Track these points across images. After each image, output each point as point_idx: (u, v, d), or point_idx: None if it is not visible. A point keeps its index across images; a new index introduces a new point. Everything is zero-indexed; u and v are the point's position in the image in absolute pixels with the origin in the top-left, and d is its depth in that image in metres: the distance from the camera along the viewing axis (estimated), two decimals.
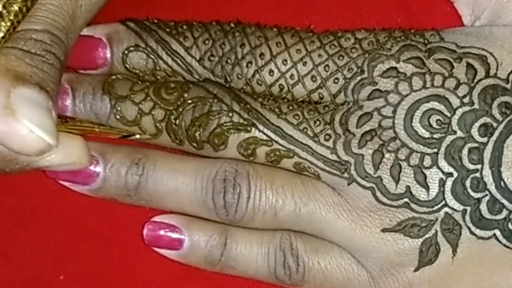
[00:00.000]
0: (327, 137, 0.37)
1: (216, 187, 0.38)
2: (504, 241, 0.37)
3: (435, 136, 0.37)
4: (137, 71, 0.38)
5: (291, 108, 0.38)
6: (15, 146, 0.32)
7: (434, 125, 0.37)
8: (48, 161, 0.34)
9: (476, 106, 0.37)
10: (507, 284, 0.37)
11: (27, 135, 0.31)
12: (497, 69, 0.37)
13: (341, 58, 0.38)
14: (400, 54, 0.38)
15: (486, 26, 0.38)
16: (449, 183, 0.37)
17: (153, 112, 0.38)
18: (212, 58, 0.38)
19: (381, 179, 0.37)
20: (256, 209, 0.38)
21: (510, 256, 0.37)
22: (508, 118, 0.37)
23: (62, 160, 0.34)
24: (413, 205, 0.37)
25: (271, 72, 0.38)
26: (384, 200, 0.37)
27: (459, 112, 0.37)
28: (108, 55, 0.38)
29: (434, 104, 0.37)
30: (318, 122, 0.38)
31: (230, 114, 0.38)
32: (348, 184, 0.37)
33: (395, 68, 0.38)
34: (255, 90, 0.38)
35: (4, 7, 0.31)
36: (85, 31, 0.38)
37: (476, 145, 0.37)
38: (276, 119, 0.38)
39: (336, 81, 0.38)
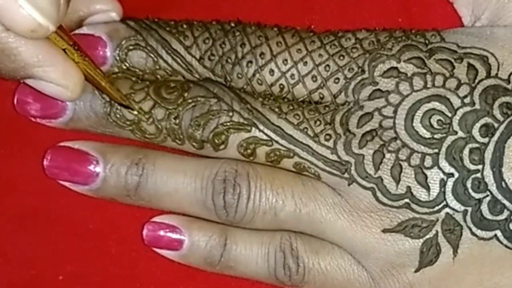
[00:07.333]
0: (328, 137, 0.37)
1: (216, 187, 0.38)
2: (505, 242, 0.37)
3: (436, 136, 0.37)
4: (137, 70, 0.38)
5: (291, 108, 0.38)
6: (6, 21, 0.31)
7: (435, 125, 0.37)
8: (44, 72, 0.34)
9: (477, 106, 0.37)
10: (508, 285, 0.37)
11: (16, 9, 0.31)
12: (498, 70, 0.37)
13: (341, 58, 0.38)
14: (401, 54, 0.38)
15: (487, 27, 0.38)
16: (450, 183, 0.37)
17: (153, 111, 0.38)
18: (212, 58, 0.38)
19: (382, 179, 0.37)
20: (256, 209, 0.38)
21: (511, 257, 0.37)
22: (509, 119, 0.37)
23: (57, 77, 0.34)
24: (413, 206, 0.37)
25: (271, 71, 0.38)
26: (385, 200, 0.37)
27: (460, 112, 0.37)
28: (108, 54, 0.38)
29: (435, 104, 0.37)
30: (318, 122, 0.37)
31: (230, 114, 0.38)
32: (349, 185, 0.37)
33: (396, 68, 0.37)
34: (256, 90, 0.38)
35: None
36: (85, 30, 0.38)
37: (477, 145, 0.37)
38: (277, 119, 0.38)
39: (337, 81, 0.38)
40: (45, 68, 0.34)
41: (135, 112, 0.38)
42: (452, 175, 0.37)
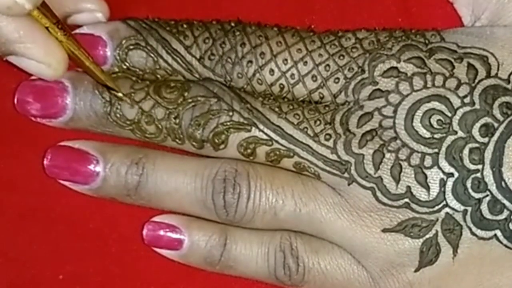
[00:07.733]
0: (328, 136, 0.37)
1: (216, 187, 0.38)
2: (505, 241, 0.37)
3: (436, 136, 0.37)
4: (137, 70, 0.38)
5: (291, 107, 0.38)
6: None
7: (435, 125, 0.37)
8: (25, 48, 0.34)
9: (477, 106, 0.37)
10: (508, 284, 0.37)
11: None
12: (498, 69, 0.37)
13: (341, 57, 0.38)
14: (401, 54, 0.38)
15: (487, 27, 0.38)
16: (449, 183, 0.37)
17: (153, 111, 0.38)
18: (212, 57, 0.38)
19: (382, 179, 0.37)
20: (256, 209, 0.38)
21: (511, 257, 0.37)
22: (509, 119, 0.37)
23: (39, 54, 0.34)
24: (413, 205, 0.37)
25: (271, 71, 0.38)
26: (385, 200, 0.37)
27: (460, 112, 0.37)
28: (108, 53, 0.38)
29: (435, 104, 0.37)
30: (318, 122, 0.37)
31: (230, 113, 0.38)
32: (349, 184, 0.37)
33: (396, 68, 0.37)
34: (256, 90, 0.38)
35: None
36: (85, 29, 0.38)
37: (477, 145, 0.37)
38: (277, 119, 0.38)
39: (337, 80, 0.38)
40: (26, 44, 0.34)
41: (120, 95, 0.37)
42: (452, 175, 0.37)
